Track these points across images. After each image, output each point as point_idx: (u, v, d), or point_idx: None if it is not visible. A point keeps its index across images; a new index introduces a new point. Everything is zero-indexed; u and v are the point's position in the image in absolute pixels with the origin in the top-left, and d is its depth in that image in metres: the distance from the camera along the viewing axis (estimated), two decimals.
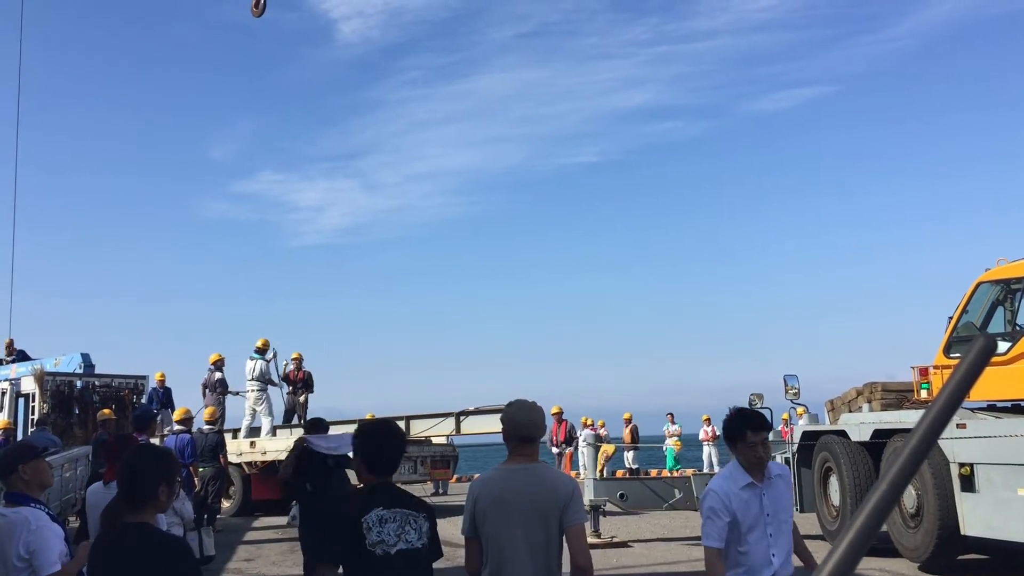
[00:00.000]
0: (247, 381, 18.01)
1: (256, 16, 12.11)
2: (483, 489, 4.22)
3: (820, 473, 12.53)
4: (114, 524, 3.47)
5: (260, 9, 12.06)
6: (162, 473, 3.47)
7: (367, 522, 3.71)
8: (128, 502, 3.43)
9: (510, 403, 4.34)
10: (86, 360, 22.05)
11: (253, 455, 17.54)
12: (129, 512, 3.42)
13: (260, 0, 12.03)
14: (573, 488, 4.20)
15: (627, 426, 26.09)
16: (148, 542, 3.37)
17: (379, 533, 3.71)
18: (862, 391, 14.61)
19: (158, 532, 3.53)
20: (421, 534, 3.82)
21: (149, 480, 3.42)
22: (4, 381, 21.41)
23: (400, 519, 3.78)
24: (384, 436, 4.08)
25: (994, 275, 11.17)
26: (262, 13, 12.08)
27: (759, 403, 15.97)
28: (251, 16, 12.13)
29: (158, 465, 3.52)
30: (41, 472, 4.66)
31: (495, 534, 4.09)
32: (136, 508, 3.41)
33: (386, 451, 3.98)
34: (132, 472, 3.47)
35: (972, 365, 0.90)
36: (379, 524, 3.73)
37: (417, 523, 3.83)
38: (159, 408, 17.43)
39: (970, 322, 11.19)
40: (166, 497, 3.46)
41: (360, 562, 3.69)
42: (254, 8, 12.06)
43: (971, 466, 9.69)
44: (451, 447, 18.64)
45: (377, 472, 3.94)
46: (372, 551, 3.67)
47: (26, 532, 4.27)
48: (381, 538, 3.71)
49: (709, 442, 25.94)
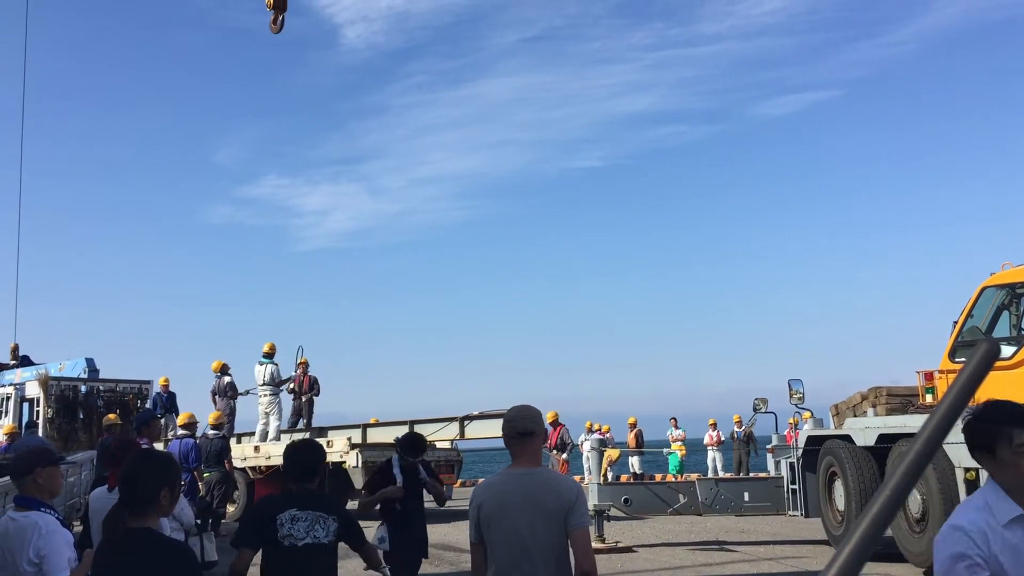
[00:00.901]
0: (258, 386, 18.05)
1: (274, 32, 12.09)
2: (486, 494, 4.22)
3: (825, 478, 12.50)
4: (117, 530, 3.46)
5: (278, 26, 12.07)
6: (164, 478, 3.46)
7: (281, 519, 4.67)
8: (130, 507, 3.42)
9: (509, 408, 4.39)
10: (90, 365, 22.09)
11: (258, 460, 17.56)
12: (132, 518, 3.41)
13: (278, 17, 12.03)
14: (577, 492, 4.19)
15: (632, 431, 26.06)
16: (152, 548, 3.37)
17: (289, 528, 4.65)
18: (867, 396, 14.59)
19: (162, 537, 3.53)
20: (329, 532, 4.76)
21: (151, 485, 3.41)
22: (9, 386, 21.47)
23: (311, 519, 4.72)
24: (299, 450, 5.14)
25: (999, 279, 11.15)
26: (280, 29, 12.09)
27: (764, 408, 15.97)
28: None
29: (159, 470, 3.51)
30: (55, 479, 4.67)
31: (499, 539, 4.10)
32: (139, 513, 3.40)
33: (300, 460, 5.00)
34: (133, 477, 3.46)
35: (975, 370, 0.91)
36: (291, 522, 4.68)
37: (326, 523, 4.77)
38: (163, 413, 17.44)
39: (975, 326, 11.16)
40: (168, 502, 3.46)
41: (273, 550, 4.68)
42: (272, 24, 12.06)
43: (976, 471, 9.66)
44: (455, 452, 18.64)
45: (297, 479, 4.94)
46: (281, 542, 4.64)
47: (36, 536, 4.27)
48: (291, 532, 4.65)
49: (714, 447, 25.89)
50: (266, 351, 18.26)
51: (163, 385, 18.82)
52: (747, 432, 25.04)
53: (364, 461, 16.21)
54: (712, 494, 13.89)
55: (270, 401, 18.00)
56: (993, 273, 11.33)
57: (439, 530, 15.22)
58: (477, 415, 16.66)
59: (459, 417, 16.88)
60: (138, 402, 21.06)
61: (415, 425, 17.59)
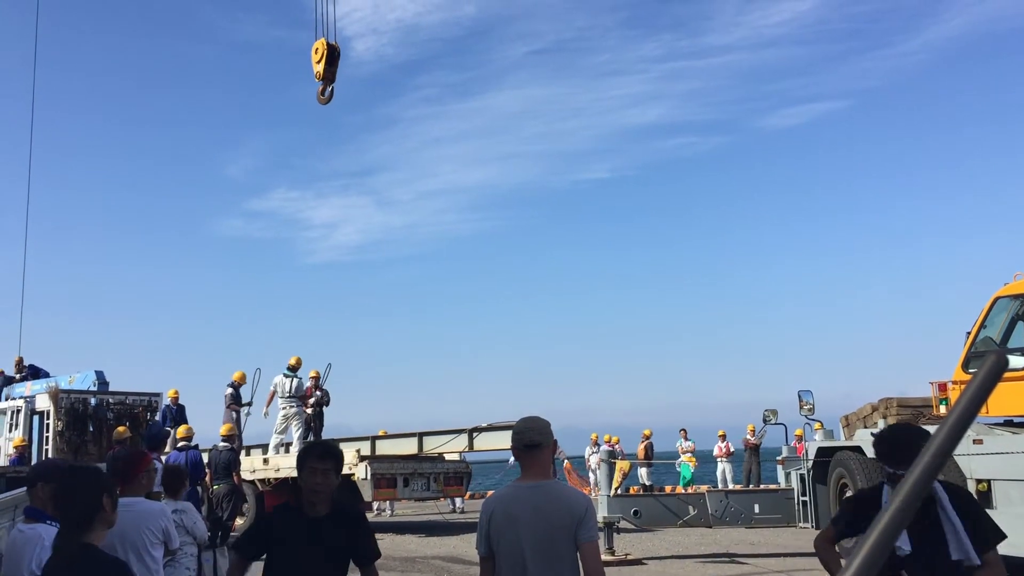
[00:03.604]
0: (281, 398, 18.16)
1: (322, 103, 12.32)
2: (496, 507, 4.22)
3: (836, 489, 12.43)
4: (64, 549, 3.40)
5: (327, 97, 12.29)
6: (99, 486, 3.42)
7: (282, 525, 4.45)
8: (75, 526, 3.37)
9: (518, 420, 4.38)
10: (100, 377, 22.16)
11: (267, 472, 17.58)
12: (78, 534, 3.36)
13: (327, 88, 12.24)
14: (587, 505, 4.18)
15: (643, 442, 26.01)
16: (91, 565, 3.33)
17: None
18: (877, 407, 14.55)
19: (101, 554, 3.47)
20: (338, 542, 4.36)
21: (89, 497, 3.37)
22: (19, 399, 21.56)
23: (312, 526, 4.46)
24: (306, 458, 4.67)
25: (1012, 290, 11.10)
26: (329, 101, 12.30)
27: (774, 419, 15.93)
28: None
29: (92, 480, 3.47)
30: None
31: (509, 552, 4.09)
32: (84, 529, 3.35)
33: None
34: (68, 495, 3.41)
35: (984, 382, 0.90)
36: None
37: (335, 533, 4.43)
38: (172, 425, 17.47)
39: (988, 337, 11.11)
40: (111, 508, 3.42)
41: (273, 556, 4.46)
42: (320, 95, 12.27)
43: (988, 482, 9.61)
44: (464, 464, 18.63)
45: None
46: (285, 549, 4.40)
47: (39, 549, 4.29)
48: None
49: (723, 458, 25.79)
50: (292, 364, 18.47)
51: (172, 397, 18.87)
52: (757, 443, 24.99)
53: (373, 473, 16.23)
54: (722, 506, 13.84)
55: (296, 413, 18.18)
56: (1006, 283, 11.29)
57: (448, 543, 15.20)
58: (486, 427, 16.65)
59: (468, 429, 16.87)
60: (148, 414, 21.10)
61: (424, 437, 17.61)
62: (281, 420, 18.19)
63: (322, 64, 12.11)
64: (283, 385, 18.26)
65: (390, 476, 16.69)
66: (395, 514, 23.05)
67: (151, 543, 5.59)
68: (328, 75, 12.19)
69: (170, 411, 18.49)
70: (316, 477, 4.24)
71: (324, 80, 12.21)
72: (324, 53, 12.09)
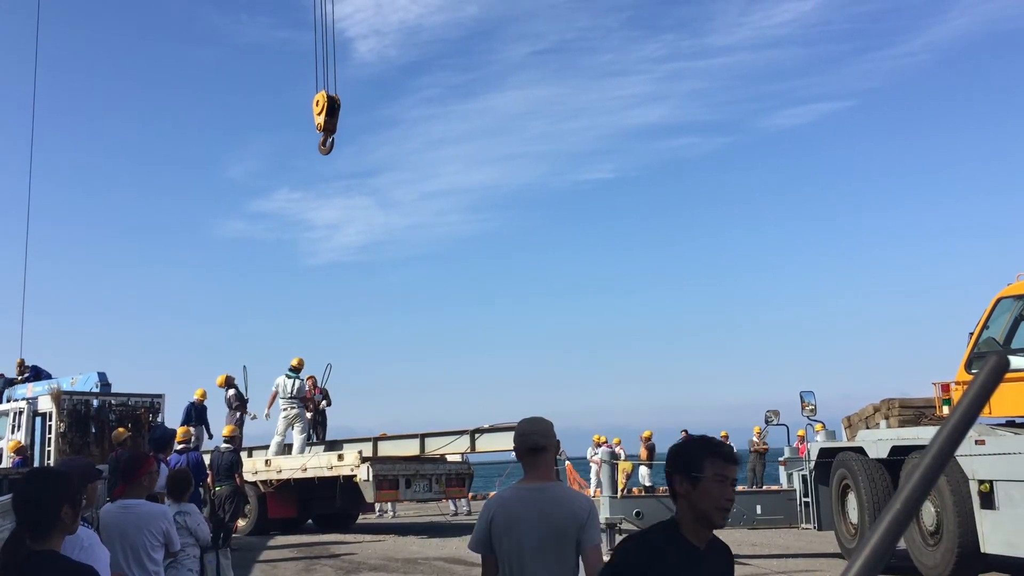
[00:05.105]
0: (283, 399, 18.20)
1: (324, 154, 12.44)
2: (499, 508, 4.20)
3: (838, 490, 12.43)
4: (17, 554, 3.27)
5: (328, 147, 12.40)
6: (62, 494, 3.33)
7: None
8: (32, 530, 3.29)
9: (520, 421, 4.36)
10: (103, 379, 22.15)
11: (269, 473, 17.59)
12: (34, 540, 3.27)
13: (328, 139, 12.34)
14: (590, 508, 4.18)
15: (644, 444, 26.01)
16: (55, 572, 3.26)
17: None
18: (879, 407, 14.55)
19: (66, 560, 3.38)
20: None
21: (49, 504, 3.28)
22: (21, 400, 21.57)
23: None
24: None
25: (1014, 290, 11.09)
26: (330, 151, 12.42)
27: (775, 420, 15.92)
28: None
29: (56, 487, 3.38)
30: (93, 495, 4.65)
31: (511, 554, 4.08)
32: (41, 536, 3.27)
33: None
34: (28, 499, 3.33)
35: (985, 383, 0.90)
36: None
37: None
38: (194, 424, 17.46)
39: (991, 338, 11.11)
40: (71, 519, 3.34)
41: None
42: (321, 146, 12.36)
43: (991, 483, 9.60)
44: (466, 465, 18.63)
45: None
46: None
47: (78, 550, 4.25)
48: None
49: None
50: (294, 365, 18.53)
51: (199, 397, 18.81)
52: (764, 448, 25.05)
53: (375, 474, 16.24)
54: None
55: (297, 415, 18.22)
56: (1009, 284, 11.28)
57: (450, 544, 15.18)
58: (488, 428, 16.64)
59: (470, 430, 16.86)
60: (150, 416, 21.10)
61: (425, 438, 17.60)
62: (283, 421, 18.23)
63: (323, 116, 12.18)
64: (285, 386, 18.30)
65: (392, 477, 16.70)
66: (397, 515, 23.06)
67: (152, 545, 5.60)
68: (329, 126, 12.26)
69: (194, 408, 18.41)
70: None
71: (325, 131, 12.28)
72: (325, 105, 12.15)
